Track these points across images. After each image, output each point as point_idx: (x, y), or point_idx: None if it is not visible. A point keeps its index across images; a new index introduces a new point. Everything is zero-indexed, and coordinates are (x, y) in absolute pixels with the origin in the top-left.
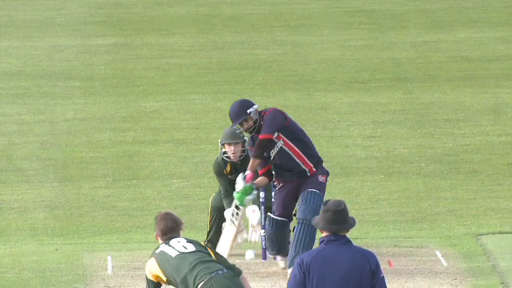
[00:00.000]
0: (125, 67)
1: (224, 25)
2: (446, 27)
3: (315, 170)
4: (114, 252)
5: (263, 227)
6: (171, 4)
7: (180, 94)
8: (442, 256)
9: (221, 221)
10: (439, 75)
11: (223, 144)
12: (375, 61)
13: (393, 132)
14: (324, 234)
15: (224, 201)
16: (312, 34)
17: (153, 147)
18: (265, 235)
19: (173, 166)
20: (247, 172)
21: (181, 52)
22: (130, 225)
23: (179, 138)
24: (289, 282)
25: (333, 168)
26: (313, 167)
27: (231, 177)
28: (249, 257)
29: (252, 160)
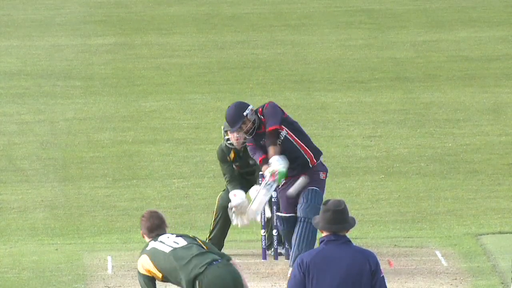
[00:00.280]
0: (125, 66)
1: (224, 25)
2: (446, 26)
3: (315, 161)
4: (114, 252)
5: (263, 227)
6: (171, 4)
7: (180, 94)
8: (442, 256)
9: (226, 221)
10: (439, 75)
11: (226, 131)
12: (375, 60)
13: (393, 132)
14: (324, 234)
15: (229, 186)
16: (312, 34)
17: (153, 147)
18: (277, 235)
19: (173, 166)
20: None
21: (181, 52)
22: (130, 225)
23: (179, 138)
24: (289, 282)
25: (333, 168)
26: (313, 157)
27: (235, 165)
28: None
29: (271, 148)
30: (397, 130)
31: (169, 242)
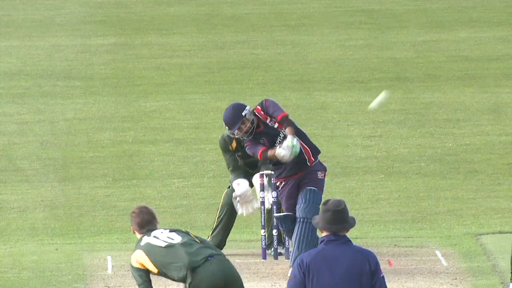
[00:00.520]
0: (125, 67)
1: (224, 25)
2: (446, 26)
3: (314, 159)
4: (114, 252)
5: (263, 227)
6: (171, 4)
7: (180, 94)
8: (442, 256)
9: (230, 219)
10: (439, 75)
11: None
12: (375, 60)
13: (393, 132)
14: (324, 234)
15: (232, 176)
16: (312, 34)
17: (153, 147)
18: (277, 235)
19: (173, 166)
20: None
21: (181, 52)
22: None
23: (179, 138)
24: (289, 282)
25: (333, 168)
26: (312, 155)
27: (237, 155)
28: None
29: (289, 129)
30: (397, 130)
31: (163, 237)
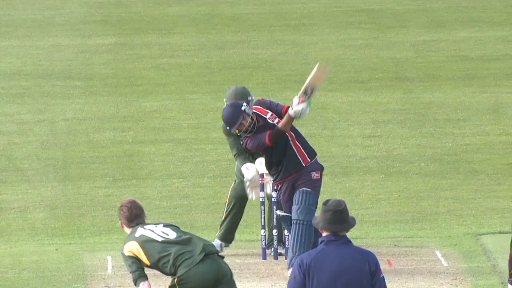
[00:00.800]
0: (125, 67)
1: (224, 25)
2: (446, 26)
3: (309, 160)
4: (114, 252)
5: (263, 227)
6: (171, 4)
7: (180, 94)
8: (442, 256)
9: (240, 210)
10: (439, 75)
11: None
12: (375, 60)
13: (393, 132)
14: (324, 234)
15: (238, 160)
16: (312, 34)
17: (153, 147)
18: (277, 235)
19: (173, 166)
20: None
21: (181, 52)
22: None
23: (179, 138)
24: (289, 282)
25: (333, 168)
26: (307, 156)
27: (241, 140)
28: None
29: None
30: (397, 130)
31: (158, 231)
